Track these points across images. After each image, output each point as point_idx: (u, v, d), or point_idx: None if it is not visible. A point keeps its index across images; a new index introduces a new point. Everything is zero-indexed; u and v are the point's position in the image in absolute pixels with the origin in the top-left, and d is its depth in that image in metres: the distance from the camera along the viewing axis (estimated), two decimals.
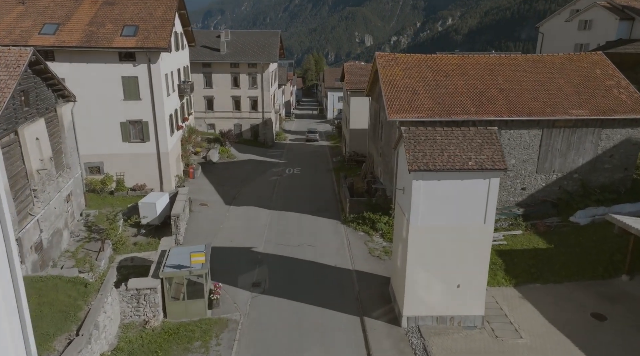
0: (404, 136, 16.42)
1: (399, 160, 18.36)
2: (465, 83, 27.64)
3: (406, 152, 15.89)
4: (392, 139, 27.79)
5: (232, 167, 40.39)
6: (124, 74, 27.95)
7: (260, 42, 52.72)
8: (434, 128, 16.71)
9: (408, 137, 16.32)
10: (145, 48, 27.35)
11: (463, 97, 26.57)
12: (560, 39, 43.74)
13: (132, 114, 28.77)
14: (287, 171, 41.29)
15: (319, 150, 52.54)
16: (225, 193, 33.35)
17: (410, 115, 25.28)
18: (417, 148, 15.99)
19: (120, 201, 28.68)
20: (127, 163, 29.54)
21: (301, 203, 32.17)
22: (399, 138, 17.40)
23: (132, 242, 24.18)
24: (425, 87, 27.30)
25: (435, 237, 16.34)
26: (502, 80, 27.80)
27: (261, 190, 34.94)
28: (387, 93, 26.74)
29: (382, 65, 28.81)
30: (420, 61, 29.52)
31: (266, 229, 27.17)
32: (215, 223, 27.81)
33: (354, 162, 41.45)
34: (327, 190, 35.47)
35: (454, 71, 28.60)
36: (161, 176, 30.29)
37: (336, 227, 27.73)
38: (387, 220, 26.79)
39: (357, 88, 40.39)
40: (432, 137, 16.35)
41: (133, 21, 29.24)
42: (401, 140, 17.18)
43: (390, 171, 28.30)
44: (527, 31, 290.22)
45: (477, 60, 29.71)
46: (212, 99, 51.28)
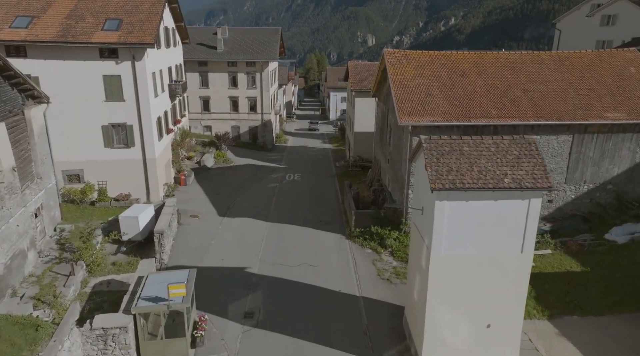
0: (424, 146, 13.62)
1: (417, 174, 15.53)
2: (484, 83, 24.85)
3: (427, 167, 13.09)
4: (401, 145, 25.01)
5: (228, 173, 37.64)
6: (105, 73, 25.22)
7: (260, 39, 50.00)
8: (460, 137, 13.90)
9: (429, 149, 13.51)
10: (129, 44, 24.60)
11: (483, 99, 23.77)
12: (579, 36, 40.87)
13: (115, 117, 26.04)
14: (287, 177, 38.51)
15: (321, 154, 49.75)
16: (219, 203, 30.58)
17: (424, 119, 22.48)
18: (441, 162, 13.18)
19: (102, 212, 25.93)
20: (110, 171, 26.80)
21: (302, 214, 29.39)
22: (418, 149, 14.59)
23: (110, 261, 21.43)
24: (440, 87, 24.50)
25: (462, 269, 13.54)
26: (525, 79, 24.98)
27: (258, 199, 32.18)
28: (397, 94, 23.94)
29: (392, 63, 26.02)
30: (434, 58, 26.72)
31: (262, 246, 24.39)
32: (206, 238, 25.04)
33: (359, 167, 38.65)
34: (330, 199, 32.67)
35: (471, 70, 25.81)
36: (148, 185, 27.55)
37: (340, 243, 24.94)
38: (397, 236, 23.99)
39: (362, 88, 37.59)
40: (458, 148, 13.55)
41: (117, 14, 26.50)
42: (420, 151, 14.39)
43: (400, 180, 25.51)
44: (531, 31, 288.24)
45: (496, 57, 26.88)
46: (209, 99, 48.56)
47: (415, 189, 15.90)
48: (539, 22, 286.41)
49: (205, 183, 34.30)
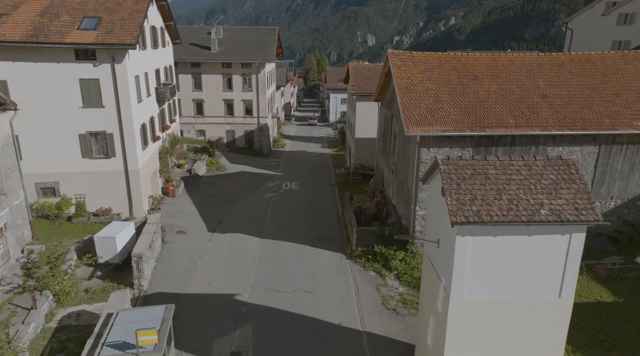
0: (441, 168, 11.33)
1: (431, 197, 13.23)
2: (498, 88, 22.58)
3: (446, 194, 10.79)
4: (408, 155, 22.74)
5: (221, 182, 35.33)
6: (82, 76, 22.92)
7: (256, 39, 47.69)
8: (484, 157, 11.60)
9: (448, 171, 11.21)
10: (107, 44, 22.31)
11: (498, 106, 21.50)
12: (594, 36, 38.56)
13: (94, 125, 23.75)
14: (283, 186, 36.20)
15: (320, 159, 47.42)
16: (210, 216, 28.29)
17: (434, 128, 20.19)
18: (463, 188, 10.89)
19: (79, 229, 23.65)
20: (89, 183, 24.51)
21: (299, 229, 27.10)
22: (433, 169, 12.29)
23: (84, 287, 19.13)
24: (450, 92, 22.23)
25: (487, 316, 11.25)
26: (543, 84, 22.71)
27: (253, 211, 29.87)
28: (404, 100, 21.66)
29: (397, 65, 23.74)
30: (442, 60, 24.44)
31: (254, 267, 22.10)
32: (192, 258, 22.75)
33: (360, 176, 36.37)
34: (330, 212, 30.36)
35: (484, 73, 23.55)
36: (130, 199, 25.24)
37: (341, 264, 22.65)
38: (403, 257, 21.70)
39: (364, 92, 35.30)
40: (482, 171, 11.25)
41: (96, 12, 24.21)
42: (436, 172, 12.10)
43: (406, 194, 23.23)
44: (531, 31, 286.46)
45: (510, 59, 24.61)
46: (202, 102, 46.23)
47: (429, 215, 13.59)
48: (540, 22, 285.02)
49: (195, 193, 32.00)
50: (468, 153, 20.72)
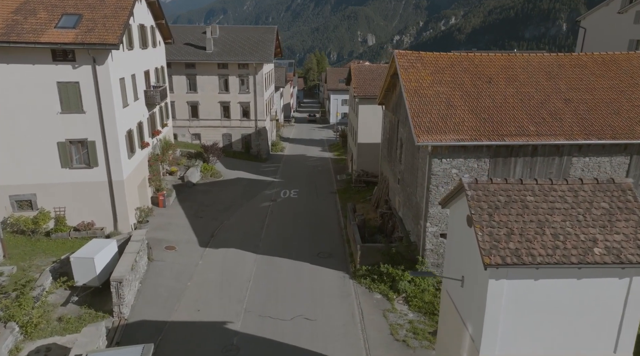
0: (468, 194, 9.34)
1: (453, 225, 11.22)
2: (516, 91, 20.63)
3: (476, 227, 8.82)
4: (417, 165, 20.77)
5: (216, 190, 33.36)
6: (60, 79, 20.95)
7: (254, 39, 45.70)
8: (520, 181, 9.61)
9: (477, 198, 9.23)
10: (87, 44, 20.32)
11: (516, 111, 19.53)
12: (609, 35, 36.54)
13: (74, 132, 21.78)
14: (282, 193, 34.21)
15: (321, 164, 45.41)
16: (202, 229, 26.32)
17: (447, 137, 18.22)
18: (496, 219, 8.91)
19: (58, 246, 21.69)
20: (69, 195, 22.54)
21: (297, 243, 25.13)
22: (457, 193, 10.31)
23: (57, 315, 17.14)
24: (464, 97, 20.27)
25: None
26: (565, 87, 20.75)
27: (248, 223, 27.88)
28: (413, 106, 19.69)
29: (404, 67, 21.77)
30: (453, 61, 22.49)
31: (249, 289, 20.13)
32: (181, 278, 20.78)
33: (363, 183, 34.39)
34: (331, 223, 28.37)
35: (499, 75, 21.60)
36: (115, 211, 23.27)
37: (343, 284, 20.67)
38: (412, 278, 19.72)
39: (367, 94, 33.32)
40: (519, 198, 9.28)
41: (77, 9, 22.23)
42: (460, 196, 10.12)
43: (414, 207, 21.25)
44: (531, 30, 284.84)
45: (527, 60, 22.64)
46: (197, 105, 44.24)
47: (449, 245, 11.59)
48: (540, 22, 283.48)
49: (187, 203, 30.02)
50: (485, 165, 18.74)
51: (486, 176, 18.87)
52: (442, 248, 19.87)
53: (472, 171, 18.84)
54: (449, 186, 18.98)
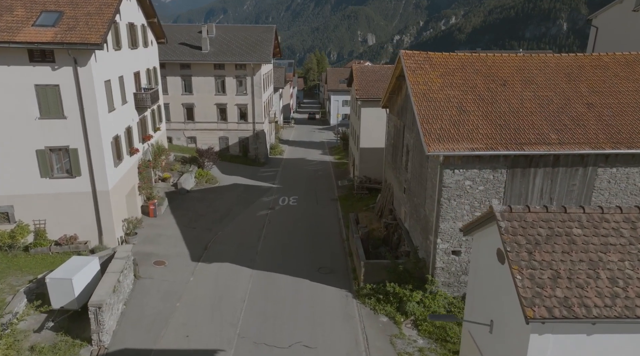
0: (501, 226, 7.68)
1: (478, 257, 9.56)
2: (533, 95, 18.99)
3: (514, 269, 7.17)
4: (425, 175, 19.11)
5: (211, 197, 31.71)
6: (38, 82, 19.30)
7: (251, 39, 44.05)
8: (564, 209, 7.96)
9: (513, 231, 7.58)
10: (67, 44, 18.67)
11: (535, 117, 17.88)
12: (623, 34, 34.83)
13: (54, 139, 20.14)
14: (280, 201, 32.56)
15: (321, 168, 43.73)
16: (195, 241, 24.68)
17: (460, 146, 16.56)
18: (538, 259, 7.27)
19: (38, 262, 20.06)
20: (50, 207, 20.91)
21: (296, 256, 23.49)
22: (484, 221, 8.65)
23: (30, 343, 15.52)
24: (477, 101, 18.63)
25: None
26: (587, 90, 19.11)
27: (244, 234, 26.23)
28: (422, 110, 18.04)
29: (412, 69, 20.13)
30: (464, 62, 20.86)
31: (243, 310, 18.48)
32: (170, 297, 19.12)
33: (366, 190, 32.73)
34: (332, 234, 26.72)
35: (514, 77, 19.98)
36: (100, 224, 21.62)
37: (346, 304, 19.03)
38: (421, 298, 18.08)
39: (369, 97, 31.67)
40: (564, 231, 7.63)
41: (58, 5, 20.59)
42: (489, 226, 8.46)
43: (423, 221, 19.60)
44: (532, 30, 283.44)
45: (544, 61, 21.00)
46: (192, 107, 42.59)
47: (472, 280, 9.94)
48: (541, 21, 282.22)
49: (180, 212, 28.37)
50: (502, 176, 17.09)
51: (503, 188, 17.23)
52: (454, 266, 18.23)
53: (488, 182, 17.19)
54: (462, 199, 17.35)
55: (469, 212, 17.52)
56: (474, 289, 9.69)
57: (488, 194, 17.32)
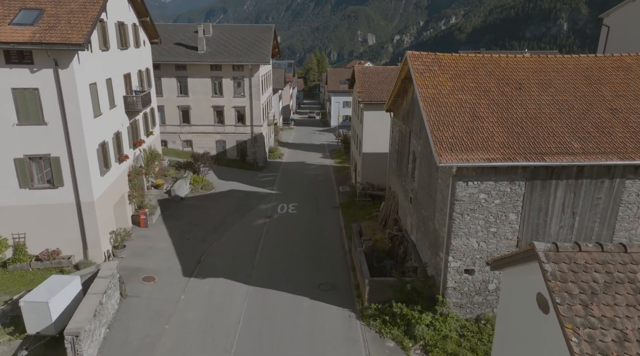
0: (547, 270, 6.20)
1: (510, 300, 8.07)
2: (551, 99, 17.54)
3: (567, 332, 5.68)
4: (435, 187, 17.64)
5: (206, 205, 30.25)
6: (15, 85, 17.86)
7: (250, 39, 42.59)
8: (623, 248, 6.47)
9: (561, 277, 6.10)
10: (45, 44, 17.22)
11: (555, 124, 16.42)
12: (636, 33, 33.41)
13: (34, 147, 18.69)
14: (279, 208, 31.09)
15: (322, 173, 42.25)
16: (188, 253, 23.23)
17: (475, 156, 15.09)
18: (596, 314, 5.79)
19: (16, 280, 18.60)
20: (30, 220, 19.46)
21: (296, 270, 22.03)
22: (522, 259, 7.16)
23: None
24: (491, 106, 17.18)
25: None
26: (610, 94, 17.66)
27: (241, 245, 24.78)
28: (432, 117, 16.58)
29: (420, 71, 18.67)
30: (476, 63, 19.42)
31: (238, 333, 17.02)
32: (158, 319, 17.65)
33: (369, 197, 31.25)
34: (334, 246, 25.26)
35: (530, 80, 18.54)
36: (84, 237, 20.16)
37: (349, 327, 17.55)
38: (430, 320, 16.62)
39: (372, 99, 30.21)
40: (626, 277, 6.15)
41: (38, 2, 19.14)
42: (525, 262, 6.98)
43: (432, 234, 18.12)
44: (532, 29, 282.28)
45: (561, 62, 19.57)
46: (188, 109, 41.12)
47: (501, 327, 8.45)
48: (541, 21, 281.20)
49: (173, 221, 26.92)
50: (520, 189, 15.62)
51: (521, 201, 15.76)
52: (467, 286, 16.76)
53: (504, 196, 15.72)
54: (476, 213, 15.88)
55: (484, 227, 16.06)
56: (503, 338, 8.20)
57: (505, 208, 15.86)
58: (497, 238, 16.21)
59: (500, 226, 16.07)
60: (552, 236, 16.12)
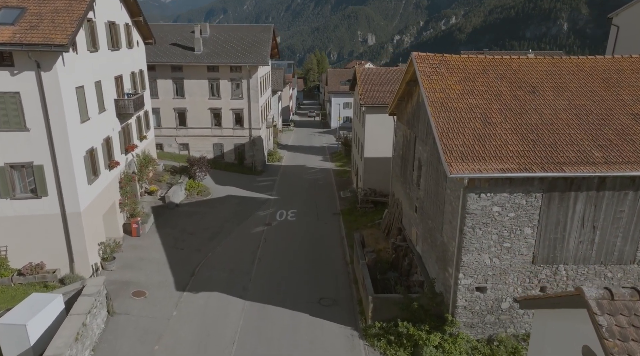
0: (601, 325, 5.04)
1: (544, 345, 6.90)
2: (568, 104, 16.43)
3: None
4: (443, 197, 16.51)
5: (202, 212, 29.11)
6: None
7: (248, 39, 41.45)
8: None
9: (620, 334, 4.95)
10: (26, 44, 16.08)
11: (573, 130, 15.29)
12: None
13: (15, 154, 17.55)
14: (278, 215, 29.94)
15: (322, 177, 41.08)
16: (182, 265, 22.09)
17: (489, 166, 13.94)
18: None
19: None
20: (12, 231, 18.32)
21: (295, 284, 20.88)
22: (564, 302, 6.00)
23: None
24: (503, 111, 16.07)
25: None
26: (630, 98, 16.56)
27: (237, 255, 23.64)
28: (440, 122, 15.46)
29: (426, 73, 17.56)
30: (486, 66, 18.32)
31: (232, 354, 15.86)
32: (147, 338, 16.50)
33: (371, 203, 30.09)
34: (335, 256, 24.11)
35: (544, 83, 17.44)
36: (70, 250, 19.02)
37: (352, 348, 16.40)
38: (439, 341, 15.47)
39: (375, 102, 29.07)
40: None
41: (21, 1, 17.97)
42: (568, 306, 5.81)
43: (440, 248, 16.98)
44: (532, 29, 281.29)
45: (577, 64, 18.46)
46: (185, 112, 39.98)
47: None
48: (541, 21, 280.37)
49: (167, 229, 25.77)
50: (536, 201, 14.47)
51: (537, 215, 14.61)
52: (479, 304, 15.61)
53: (520, 208, 14.57)
54: (489, 227, 14.74)
55: (497, 242, 14.91)
56: None
57: (520, 222, 14.71)
58: (511, 254, 15.07)
59: (515, 241, 14.93)
60: (570, 252, 14.97)
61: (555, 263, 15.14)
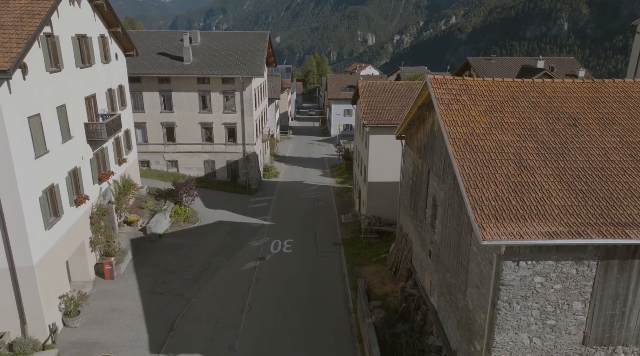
0: None
1: None
2: (620, 142, 13.58)
3: None
4: (464, 248, 13.59)
5: (188, 244, 26.15)
6: None
7: (242, 47, 38.51)
8: None
9: None
10: None
11: (630, 178, 12.43)
12: None
13: None
14: (272, 246, 26.97)
15: (322, 197, 37.98)
16: (159, 316, 19.14)
17: (530, 230, 11.04)
18: None
19: None
20: None
21: (289, 342, 17.92)
22: None
23: None
24: (541, 151, 13.18)
25: None
26: None
27: (224, 302, 20.68)
28: (465, 167, 12.54)
29: (445, 101, 14.69)
30: (514, 91, 15.50)
31: None
32: None
33: (376, 234, 27.11)
34: (336, 302, 21.13)
35: (587, 114, 14.59)
36: (21, 310, 16.06)
37: None
38: None
39: (380, 122, 26.09)
40: None
41: None
42: None
43: (463, 313, 14.02)
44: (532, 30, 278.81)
45: (623, 89, 15.67)
46: (173, 126, 37.02)
47: None
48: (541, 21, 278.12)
49: (146, 269, 22.81)
50: (589, 271, 11.52)
51: (590, 287, 11.67)
52: None
53: (568, 279, 11.62)
54: (529, 301, 11.78)
55: (539, 319, 11.96)
56: None
57: (568, 296, 11.75)
58: (555, 333, 12.11)
59: (561, 318, 11.98)
60: (631, 332, 12.03)
61: (612, 344, 12.19)
